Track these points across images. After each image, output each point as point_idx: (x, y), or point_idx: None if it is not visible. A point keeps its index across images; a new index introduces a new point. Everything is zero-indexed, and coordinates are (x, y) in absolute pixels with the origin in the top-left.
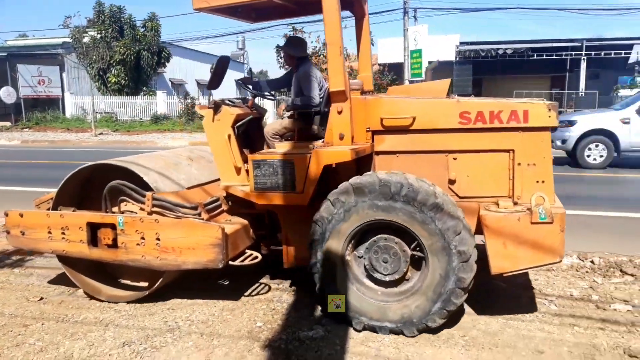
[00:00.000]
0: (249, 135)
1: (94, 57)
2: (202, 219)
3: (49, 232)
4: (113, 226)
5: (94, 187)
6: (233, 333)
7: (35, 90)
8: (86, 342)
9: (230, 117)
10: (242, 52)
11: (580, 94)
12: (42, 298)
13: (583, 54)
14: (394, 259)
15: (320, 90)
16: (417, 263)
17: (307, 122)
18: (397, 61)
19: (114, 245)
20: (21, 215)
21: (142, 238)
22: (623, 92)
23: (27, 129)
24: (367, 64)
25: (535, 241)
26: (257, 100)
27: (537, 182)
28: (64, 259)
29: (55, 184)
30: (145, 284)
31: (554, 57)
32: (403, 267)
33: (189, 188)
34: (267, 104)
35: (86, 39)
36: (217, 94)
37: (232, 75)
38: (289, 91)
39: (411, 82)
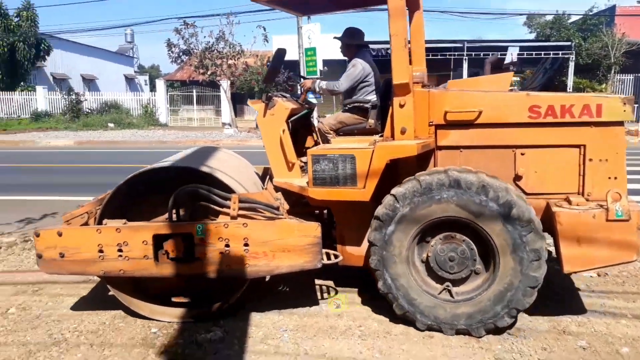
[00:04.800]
0: (297, 130)
1: None
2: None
3: (100, 251)
4: (186, 236)
5: (136, 195)
6: (126, 341)
7: None
8: None
9: (285, 112)
10: (130, 46)
11: None
12: None
13: (465, 54)
14: (461, 261)
15: (368, 83)
16: (484, 261)
17: (363, 116)
18: (292, 59)
19: (186, 257)
20: (60, 234)
21: (227, 245)
22: None
23: None
24: (422, 57)
25: (611, 239)
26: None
27: (609, 178)
28: (111, 281)
29: None
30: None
31: (439, 57)
32: (470, 265)
33: (265, 188)
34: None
35: None
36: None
37: (117, 69)
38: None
39: (306, 79)
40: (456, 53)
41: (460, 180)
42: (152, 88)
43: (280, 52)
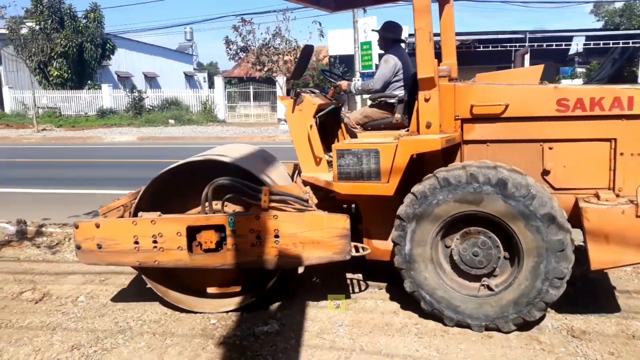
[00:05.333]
0: (326, 125)
1: (33, 49)
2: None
3: (136, 242)
4: (218, 228)
5: (167, 189)
6: (187, 331)
7: None
8: (32, 348)
9: (313, 107)
10: (190, 44)
11: None
12: None
13: (527, 46)
14: (486, 252)
15: (397, 78)
16: (508, 246)
17: (390, 111)
18: (347, 53)
19: (217, 248)
20: (98, 226)
21: (258, 237)
22: (565, 82)
23: None
24: (452, 50)
25: None
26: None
27: None
28: (145, 272)
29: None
30: (234, 289)
31: (499, 48)
32: (496, 253)
33: (294, 182)
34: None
35: (24, 31)
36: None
37: (177, 67)
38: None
39: (362, 74)
40: (517, 44)
41: (449, 178)
42: (211, 85)
43: (307, 49)
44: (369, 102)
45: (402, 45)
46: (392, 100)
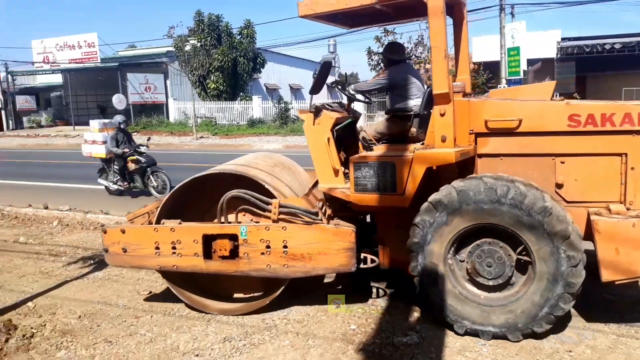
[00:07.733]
0: (343, 138)
1: (195, 64)
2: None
3: (157, 248)
4: (232, 237)
5: (191, 198)
6: (328, 334)
7: (143, 97)
8: (190, 336)
9: (330, 121)
10: (333, 56)
11: None
12: (150, 292)
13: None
14: (498, 263)
15: (402, 92)
16: (522, 267)
17: (405, 125)
18: (493, 59)
19: (232, 256)
20: (123, 232)
21: (268, 247)
22: None
23: (135, 133)
24: (466, 66)
25: None
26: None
27: None
28: (166, 275)
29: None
30: (253, 294)
31: None
32: (508, 271)
33: (306, 194)
34: (359, 107)
35: (187, 48)
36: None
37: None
38: (384, 94)
39: (508, 81)
40: None
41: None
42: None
43: (326, 65)
44: (386, 116)
45: (405, 63)
46: (407, 114)
